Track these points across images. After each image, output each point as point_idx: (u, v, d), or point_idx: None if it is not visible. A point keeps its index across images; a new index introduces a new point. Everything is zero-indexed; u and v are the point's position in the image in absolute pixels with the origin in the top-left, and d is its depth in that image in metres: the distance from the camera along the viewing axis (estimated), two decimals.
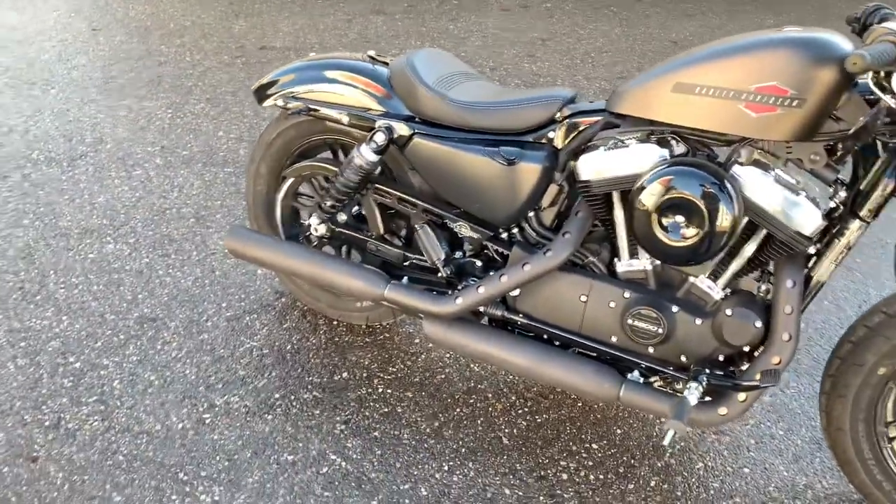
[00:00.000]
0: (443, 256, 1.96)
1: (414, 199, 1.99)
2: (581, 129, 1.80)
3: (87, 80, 3.93)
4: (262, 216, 2.33)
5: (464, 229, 1.96)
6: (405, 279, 2.01)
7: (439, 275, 1.98)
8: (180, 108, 3.65)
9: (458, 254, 2.03)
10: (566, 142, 1.82)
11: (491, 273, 1.89)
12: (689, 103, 1.61)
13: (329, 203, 2.04)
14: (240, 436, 2.03)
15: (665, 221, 1.61)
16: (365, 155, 1.91)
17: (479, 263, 1.98)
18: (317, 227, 2.14)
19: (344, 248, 2.28)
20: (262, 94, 2.16)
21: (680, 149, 1.68)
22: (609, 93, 3.63)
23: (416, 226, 1.98)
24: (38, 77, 3.95)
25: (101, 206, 2.94)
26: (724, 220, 1.56)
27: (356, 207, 2.17)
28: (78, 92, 3.81)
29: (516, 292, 1.89)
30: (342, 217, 2.16)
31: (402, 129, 1.92)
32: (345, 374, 2.23)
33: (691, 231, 1.58)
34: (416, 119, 1.93)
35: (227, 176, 3.15)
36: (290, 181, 2.20)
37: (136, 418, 2.07)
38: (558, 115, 1.82)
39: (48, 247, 2.71)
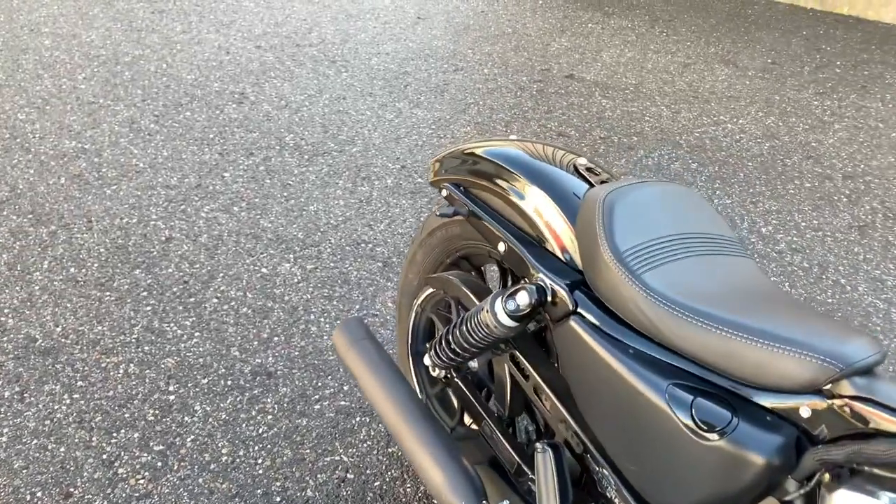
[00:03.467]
0: None
1: (554, 399, 1.29)
2: (861, 429, 0.93)
3: (379, 71, 3.78)
4: (406, 309, 1.82)
5: (609, 486, 1.21)
6: None
7: None
8: (445, 126, 3.29)
9: None
10: (825, 435, 0.97)
11: None
12: None
13: (449, 349, 1.43)
14: None
15: None
16: (496, 313, 1.26)
17: None
18: (432, 367, 1.55)
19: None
20: (435, 170, 1.62)
21: None
22: None
23: (539, 443, 1.27)
24: (340, 56, 3.92)
25: (308, 216, 2.70)
26: None
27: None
28: (365, 82, 3.67)
29: None
30: (473, 364, 1.54)
31: (561, 296, 1.22)
32: None
33: None
34: (588, 290, 1.21)
35: None
36: (430, 290, 1.64)
37: (177, 496, 1.75)
38: (829, 386, 0.96)
39: (236, 244, 2.55)
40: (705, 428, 1.02)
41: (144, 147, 3.07)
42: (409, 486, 1.81)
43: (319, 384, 2.06)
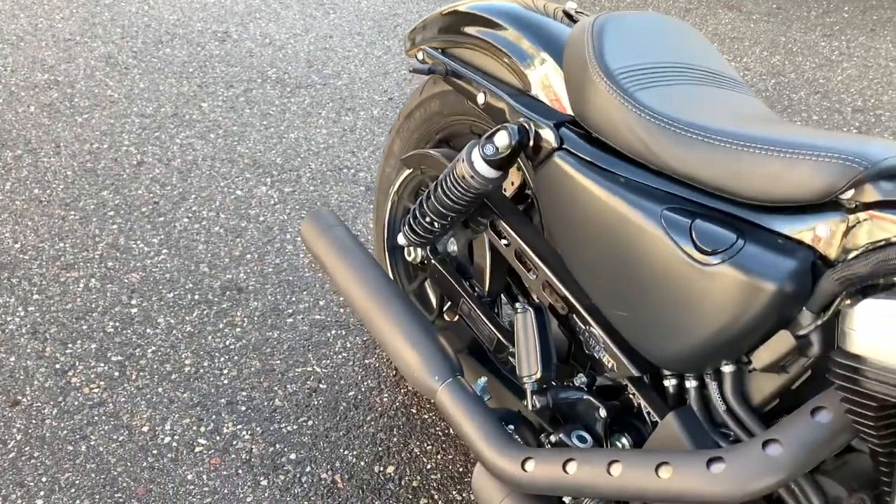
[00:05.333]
0: (538, 374, 1.09)
1: (537, 260, 1.15)
2: (885, 240, 0.80)
3: (369, 13, 3.64)
4: (382, 206, 1.68)
5: (597, 344, 1.07)
6: (482, 381, 1.19)
7: (524, 402, 1.12)
8: None
9: (580, 378, 1.14)
10: (847, 254, 0.83)
11: (607, 447, 1.00)
12: None
13: (425, 220, 1.29)
14: (213, 492, 1.45)
15: None
16: (473, 162, 1.12)
17: (602, 411, 1.08)
18: (407, 248, 1.41)
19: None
20: (412, 40, 1.48)
21: None
22: None
23: (518, 305, 1.14)
24: None
25: (287, 143, 2.56)
26: None
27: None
28: (353, 22, 3.53)
29: None
30: (451, 247, 1.40)
31: (545, 134, 1.08)
32: (390, 470, 1.51)
33: None
34: (573, 124, 1.07)
35: None
36: (406, 171, 1.50)
37: (133, 405, 1.61)
38: (850, 192, 0.83)
39: (210, 168, 2.41)
40: (707, 251, 0.89)
41: (120, 80, 2.93)
42: (385, 395, 1.67)
43: (293, 299, 1.92)
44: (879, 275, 0.80)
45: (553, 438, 1.08)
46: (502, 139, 1.09)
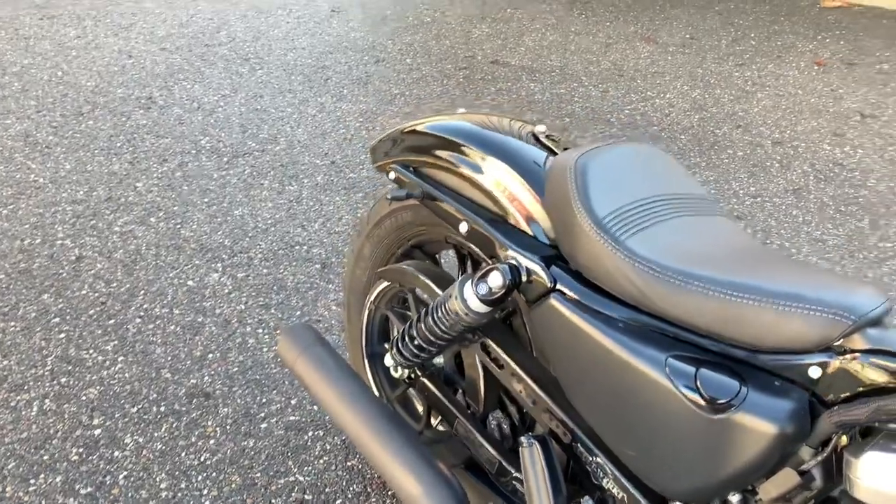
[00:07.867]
0: None
1: (535, 388, 1.17)
2: (875, 384, 0.86)
3: (296, 66, 3.59)
4: (355, 308, 1.67)
5: (605, 476, 1.11)
6: None
7: None
8: (373, 118, 3.13)
9: (587, 502, 1.17)
10: (839, 395, 0.89)
11: None
12: None
13: (413, 344, 1.30)
14: None
15: None
16: (467, 299, 1.13)
17: None
18: (394, 367, 1.41)
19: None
20: (378, 153, 1.48)
21: None
22: None
23: (523, 438, 1.16)
24: (254, 54, 3.70)
25: (233, 222, 2.50)
26: None
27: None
28: (282, 78, 3.48)
29: None
30: (438, 360, 1.41)
31: (537, 274, 1.11)
32: None
33: None
34: (565, 264, 1.10)
35: None
36: (385, 283, 1.50)
37: None
38: (840, 341, 0.89)
39: (156, 258, 2.33)
40: (712, 401, 0.93)
41: (43, 161, 2.79)
42: (373, 500, 1.66)
43: (264, 400, 1.88)
44: (875, 421, 0.86)
45: None
46: (496, 280, 1.10)
